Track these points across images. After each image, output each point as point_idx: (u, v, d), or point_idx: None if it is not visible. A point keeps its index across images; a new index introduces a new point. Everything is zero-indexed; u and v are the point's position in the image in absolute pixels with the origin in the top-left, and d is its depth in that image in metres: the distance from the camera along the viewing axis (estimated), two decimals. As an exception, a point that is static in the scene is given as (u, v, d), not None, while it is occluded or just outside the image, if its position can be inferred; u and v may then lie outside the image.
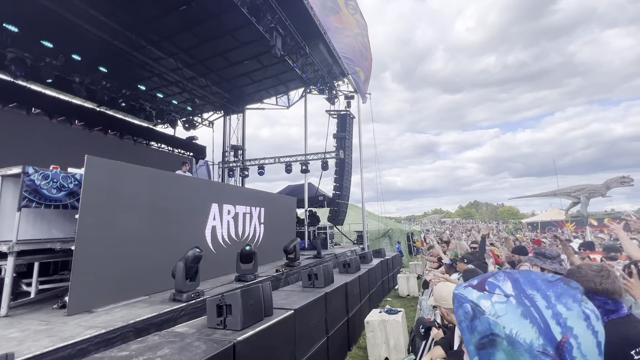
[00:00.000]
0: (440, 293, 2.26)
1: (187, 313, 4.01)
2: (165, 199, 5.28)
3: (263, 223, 8.37)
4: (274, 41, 8.11)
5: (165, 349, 2.58)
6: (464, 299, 0.65)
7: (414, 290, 9.86)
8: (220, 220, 6.70)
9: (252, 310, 3.22)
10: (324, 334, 4.72)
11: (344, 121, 13.36)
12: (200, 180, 6.46)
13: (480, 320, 0.60)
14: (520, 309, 0.57)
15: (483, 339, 0.59)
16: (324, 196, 14.86)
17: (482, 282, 0.66)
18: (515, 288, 0.61)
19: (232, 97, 14.71)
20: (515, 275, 0.64)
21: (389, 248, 17.22)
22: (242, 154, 15.19)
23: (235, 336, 2.86)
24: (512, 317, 0.57)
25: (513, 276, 0.64)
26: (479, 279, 0.68)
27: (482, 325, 0.59)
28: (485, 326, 0.59)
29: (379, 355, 5.15)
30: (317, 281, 5.37)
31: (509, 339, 0.56)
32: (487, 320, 0.59)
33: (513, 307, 0.58)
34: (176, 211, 5.50)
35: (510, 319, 0.57)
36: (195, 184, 6.09)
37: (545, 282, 0.62)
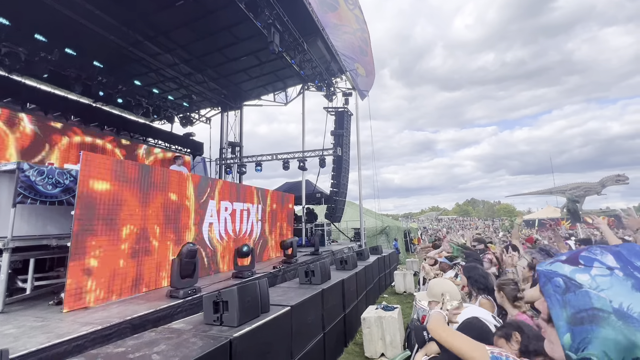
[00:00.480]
0: (439, 289, 2.27)
1: (184, 309, 4.02)
2: (161, 195, 5.27)
3: (260, 220, 8.37)
4: (272, 37, 8.06)
5: (161, 345, 2.59)
6: (552, 274, 0.58)
7: (410, 286, 9.93)
8: (217, 217, 6.70)
9: (248, 306, 3.23)
10: (321, 330, 4.75)
11: (342, 118, 13.34)
12: (198, 177, 6.44)
13: (575, 294, 0.54)
14: (631, 281, 0.52)
15: (580, 313, 0.53)
16: (322, 193, 14.86)
17: (574, 257, 0.59)
18: (619, 260, 0.56)
19: (229, 94, 14.62)
20: (615, 248, 0.60)
21: (386, 245, 17.30)
22: (239, 151, 15.14)
23: (231, 332, 2.87)
24: (620, 290, 0.52)
25: (613, 249, 0.60)
26: (568, 254, 0.62)
27: (579, 299, 0.54)
28: (584, 300, 0.53)
29: (375, 351, 5.20)
30: (314, 278, 5.39)
31: (618, 314, 0.51)
32: (587, 294, 0.53)
33: (620, 280, 0.52)
34: (173, 207, 5.49)
35: (618, 292, 0.51)
36: (192, 180, 6.07)
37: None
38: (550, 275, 0.60)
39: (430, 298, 2.28)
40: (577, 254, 0.62)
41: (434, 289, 2.30)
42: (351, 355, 5.45)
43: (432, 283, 2.41)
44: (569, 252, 0.64)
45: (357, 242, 13.58)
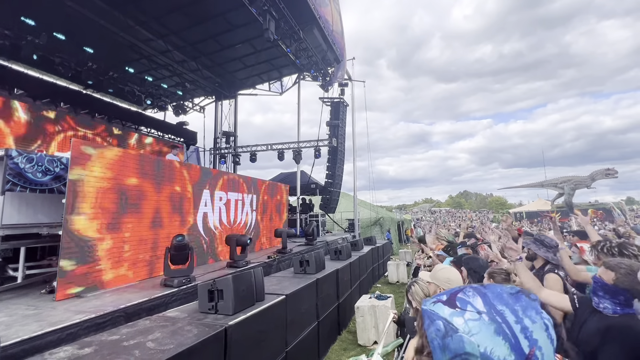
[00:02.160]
0: (446, 275, 2.27)
1: (178, 298, 4.02)
2: (155, 183, 5.20)
3: (255, 210, 8.36)
4: (267, 24, 7.90)
5: (156, 333, 2.59)
6: (435, 316, 0.63)
7: (403, 277, 10.07)
8: (211, 207, 6.66)
9: (243, 295, 3.24)
10: (315, 319, 4.81)
11: (338, 109, 13.25)
12: (191, 166, 6.37)
13: (452, 339, 0.59)
14: (493, 325, 0.57)
15: (455, 358, 0.58)
16: (317, 184, 14.87)
17: (452, 298, 0.64)
18: (485, 304, 0.60)
19: (223, 82, 14.39)
20: (483, 290, 0.64)
21: (380, 236, 17.47)
22: (233, 141, 15.00)
23: (226, 320, 2.88)
24: (486, 335, 0.56)
25: (481, 291, 0.64)
26: (448, 294, 0.67)
27: (455, 344, 0.58)
28: (459, 345, 0.58)
29: (368, 339, 5.29)
30: (309, 267, 5.42)
31: (483, 357, 0.56)
32: (461, 339, 0.58)
33: (486, 324, 0.57)
34: (167, 196, 5.43)
35: (484, 337, 0.56)
36: (186, 170, 6.00)
37: (510, 296, 0.63)
38: (433, 317, 0.63)
39: (433, 280, 2.30)
40: (455, 295, 0.66)
41: (438, 274, 2.31)
42: (344, 343, 5.54)
43: (438, 267, 2.43)
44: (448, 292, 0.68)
45: (351, 233, 13.68)
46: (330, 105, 13.41)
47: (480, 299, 0.62)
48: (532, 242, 2.89)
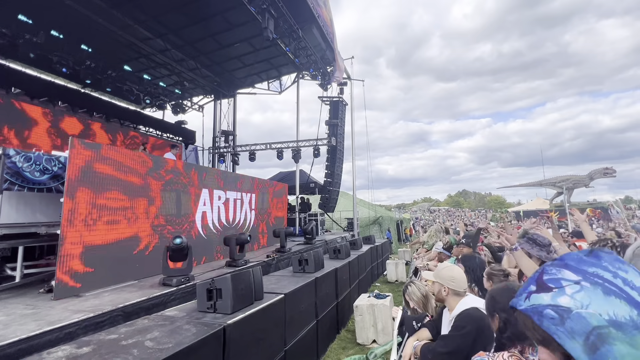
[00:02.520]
0: (450, 273, 2.27)
1: (177, 297, 4.02)
2: (154, 182, 5.19)
3: (254, 209, 8.35)
4: (266, 23, 7.88)
5: (155, 332, 2.59)
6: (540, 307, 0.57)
7: (402, 275, 10.09)
8: (210, 206, 6.65)
9: (242, 294, 3.24)
10: (314, 318, 4.81)
11: (337, 108, 13.24)
12: (190, 165, 6.36)
13: (572, 319, 0.53)
14: (599, 288, 0.52)
15: (589, 339, 0.51)
16: (316, 183, 14.87)
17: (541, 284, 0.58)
18: (576, 272, 0.56)
19: (222, 81, 14.37)
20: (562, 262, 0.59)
21: (379, 235, 17.49)
22: (232, 140, 14.98)
23: (225, 319, 2.88)
24: (599, 301, 0.51)
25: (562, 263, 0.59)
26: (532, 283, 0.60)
27: (578, 323, 0.52)
28: (582, 322, 0.52)
29: (367, 338, 5.30)
30: (308, 266, 5.42)
31: (614, 324, 0.50)
32: (580, 315, 0.52)
33: (591, 290, 0.52)
34: (165, 195, 5.42)
35: (599, 303, 0.51)
36: (185, 169, 5.99)
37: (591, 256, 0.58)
38: (536, 310, 0.58)
39: (437, 279, 2.29)
40: (541, 279, 0.61)
41: (442, 273, 2.31)
42: (343, 342, 5.54)
43: (442, 266, 2.43)
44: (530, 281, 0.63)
45: (350, 232, 13.69)
46: (329, 104, 13.40)
47: (568, 271, 0.57)
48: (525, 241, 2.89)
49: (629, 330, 0.50)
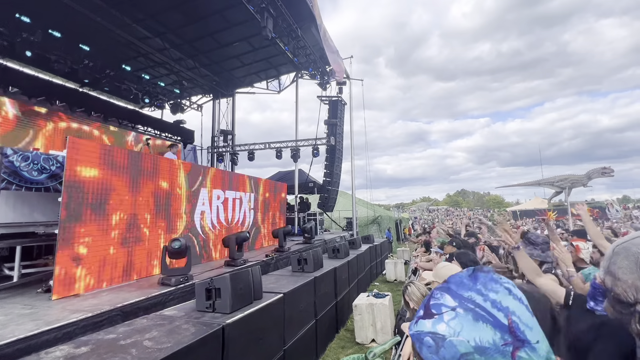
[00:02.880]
0: (448, 272, 2.29)
1: (175, 297, 4.01)
2: (152, 181, 5.18)
3: (253, 209, 8.35)
4: (265, 22, 7.87)
5: (153, 332, 2.58)
6: (421, 335, 0.61)
7: (401, 275, 10.09)
8: (209, 205, 6.64)
9: (241, 293, 3.24)
10: (313, 317, 4.81)
11: (336, 107, 13.24)
12: (189, 164, 6.35)
13: (445, 347, 0.57)
14: (470, 314, 0.56)
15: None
16: (315, 183, 14.87)
17: (427, 309, 0.63)
18: (454, 298, 0.59)
19: (221, 80, 14.35)
20: (447, 286, 0.63)
21: (378, 234, 17.49)
22: (231, 139, 14.96)
23: (224, 319, 2.88)
24: (468, 327, 0.55)
25: (446, 287, 0.63)
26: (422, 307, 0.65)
27: (449, 351, 0.56)
28: (453, 350, 0.56)
29: (366, 337, 5.30)
30: (307, 266, 5.42)
31: (478, 349, 0.54)
32: (451, 343, 0.56)
33: (464, 317, 0.56)
34: (164, 194, 5.41)
35: (468, 330, 0.55)
36: (184, 168, 5.98)
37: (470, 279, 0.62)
38: (420, 337, 0.61)
39: (435, 279, 2.32)
40: (428, 304, 0.63)
41: (440, 272, 2.34)
42: (342, 341, 5.55)
43: (440, 266, 2.45)
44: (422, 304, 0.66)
45: (349, 232, 13.69)
46: (328, 103, 13.39)
47: (448, 296, 0.61)
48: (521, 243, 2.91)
49: (491, 355, 0.53)
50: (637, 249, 0.74)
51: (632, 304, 0.71)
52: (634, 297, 0.71)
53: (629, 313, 0.72)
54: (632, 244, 0.76)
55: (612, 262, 0.78)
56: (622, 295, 0.73)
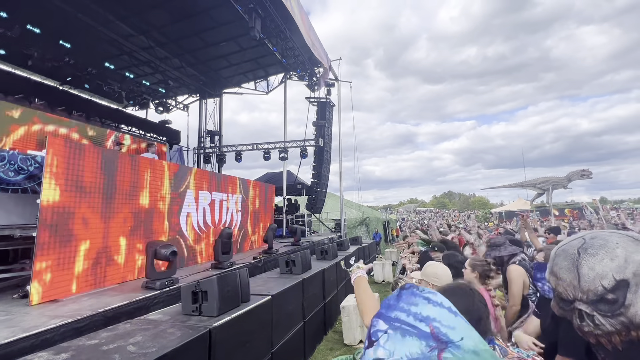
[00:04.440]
0: (434, 270, 2.32)
1: (160, 301, 3.92)
2: (136, 182, 5.06)
3: (240, 210, 8.26)
4: (253, 23, 7.83)
5: (137, 337, 2.51)
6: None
7: (388, 276, 10.18)
8: (195, 207, 6.54)
9: (228, 296, 3.19)
10: (301, 319, 4.79)
11: (324, 109, 13.28)
12: (175, 165, 6.24)
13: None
14: (398, 332, 0.60)
15: None
16: (303, 184, 14.85)
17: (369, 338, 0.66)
18: (385, 321, 0.63)
19: (208, 80, 14.17)
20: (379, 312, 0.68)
21: (366, 236, 17.60)
22: (218, 140, 14.78)
23: (211, 322, 2.83)
24: (399, 345, 0.59)
25: (378, 313, 0.67)
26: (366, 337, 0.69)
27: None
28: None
29: (354, 338, 5.31)
30: (295, 268, 5.40)
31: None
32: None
33: (394, 336, 0.60)
34: (148, 196, 5.29)
35: (399, 348, 0.59)
36: (169, 169, 5.87)
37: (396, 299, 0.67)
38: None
39: (423, 277, 2.34)
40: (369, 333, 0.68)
41: (427, 270, 2.37)
42: (330, 343, 5.55)
43: (428, 264, 2.48)
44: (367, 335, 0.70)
45: (338, 233, 13.73)
46: (316, 105, 13.42)
47: (380, 320, 0.65)
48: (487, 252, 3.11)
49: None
50: (573, 251, 0.80)
51: (572, 301, 0.77)
52: (573, 294, 0.77)
53: (570, 310, 0.78)
54: (570, 246, 0.82)
55: (554, 264, 0.83)
56: (564, 293, 0.79)
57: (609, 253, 0.75)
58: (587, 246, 0.79)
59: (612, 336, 0.72)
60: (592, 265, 0.75)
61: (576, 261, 0.78)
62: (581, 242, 0.82)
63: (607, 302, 0.73)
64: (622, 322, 0.71)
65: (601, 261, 0.75)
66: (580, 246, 0.80)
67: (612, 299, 0.72)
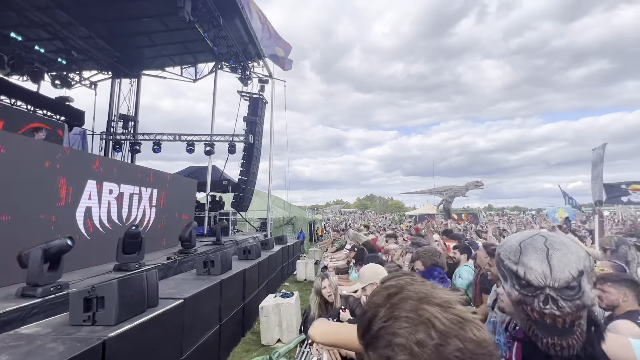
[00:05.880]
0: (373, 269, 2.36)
1: (41, 311, 3.28)
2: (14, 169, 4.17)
3: (155, 206, 7.49)
4: (182, 2, 7.20)
5: (2, 357, 2.06)
6: None
7: (311, 274, 10.44)
8: (98, 201, 5.69)
9: (131, 302, 2.86)
10: (217, 322, 4.59)
11: (256, 105, 12.96)
12: (73, 151, 5.33)
13: None
14: None
15: None
16: (229, 181, 14.23)
17: None
18: None
19: (125, 58, 12.49)
20: None
21: (292, 235, 17.73)
22: (133, 126, 13.17)
23: (106, 332, 2.50)
24: None
25: None
26: None
27: None
28: None
29: (272, 338, 5.30)
30: (214, 268, 5.14)
31: None
32: None
33: None
34: (31, 185, 4.41)
35: None
36: (62, 155, 4.99)
37: None
38: None
39: (364, 283, 2.29)
40: None
41: (366, 274, 2.34)
42: (248, 344, 5.42)
43: (362, 270, 2.48)
44: None
45: (263, 232, 13.52)
46: (248, 100, 13.01)
47: None
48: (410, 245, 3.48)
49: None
50: (542, 245, 0.96)
51: (542, 288, 0.91)
52: (544, 282, 0.90)
53: (534, 295, 0.92)
54: (535, 241, 0.98)
55: (522, 255, 0.97)
56: (535, 280, 0.92)
57: (568, 249, 0.93)
58: (551, 242, 0.95)
59: (567, 316, 0.87)
60: (560, 257, 0.92)
61: (547, 254, 0.93)
62: (544, 239, 0.97)
63: (571, 288, 0.89)
64: (577, 305, 0.87)
65: (565, 255, 0.92)
66: (545, 241, 0.96)
67: (574, 286, 0.89)
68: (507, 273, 1.00)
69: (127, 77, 13.31)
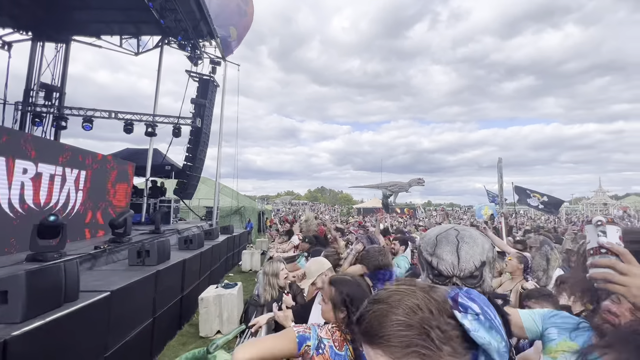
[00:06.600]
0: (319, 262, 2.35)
1: None
2: None
3: (82, 189, 6.73)
4: (123, -36, 6.44)
5: None
6: None
7: (256, 265, 10.33)
8: (7, 181, 4.93)
9: (43, 296, 2.55)
10: (150, 315, 4.33)
11: (206, 87, 12.22)
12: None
13: None
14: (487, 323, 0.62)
15: None
16: (173, 166, 13.32)
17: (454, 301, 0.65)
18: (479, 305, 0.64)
19: (49, 18, 10.82)
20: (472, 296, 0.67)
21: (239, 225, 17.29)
22: (58, 98, 11.55)
23: (9, 331, 2.20)
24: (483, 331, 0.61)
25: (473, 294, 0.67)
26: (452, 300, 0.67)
27: None
28: None
29: (211, 330, 5.16)
30: (149, 258, 4.82)
31: None
32: None
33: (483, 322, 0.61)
34: None
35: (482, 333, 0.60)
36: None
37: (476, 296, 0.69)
38: None
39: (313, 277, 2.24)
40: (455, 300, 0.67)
41: (312, 267, 2.29)
42: (185, 337, 5.21)
43: (309, 264, 2.42)
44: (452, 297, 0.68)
45: (209, 221, 12.97)
46: (198, 81, 12.21)
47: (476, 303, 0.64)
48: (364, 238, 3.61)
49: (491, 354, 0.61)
50: (453, 239, 1.05)
51: (450, 277, 1.00)
52: (452, 272, 1.00)
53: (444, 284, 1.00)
54: (449, 234, 1.07)
55: (437, 247, 1.05)
56: (445, 271, 1.01)
57: (475, 242, 1.03)
58: (462, 236, 1.05)
59: None
60: (467, 250, 1.01)
61: (457, 247, 1.02)
62: (456, 233, 1.06)
63: (473, 277, 0.99)
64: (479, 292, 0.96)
65: (472, 247, 1.02)
66: (457, 235, 1.05)
67: (476, 275, 0.99)
68: (424, 263, 1.10)
69: (52, 41, 11.57)
